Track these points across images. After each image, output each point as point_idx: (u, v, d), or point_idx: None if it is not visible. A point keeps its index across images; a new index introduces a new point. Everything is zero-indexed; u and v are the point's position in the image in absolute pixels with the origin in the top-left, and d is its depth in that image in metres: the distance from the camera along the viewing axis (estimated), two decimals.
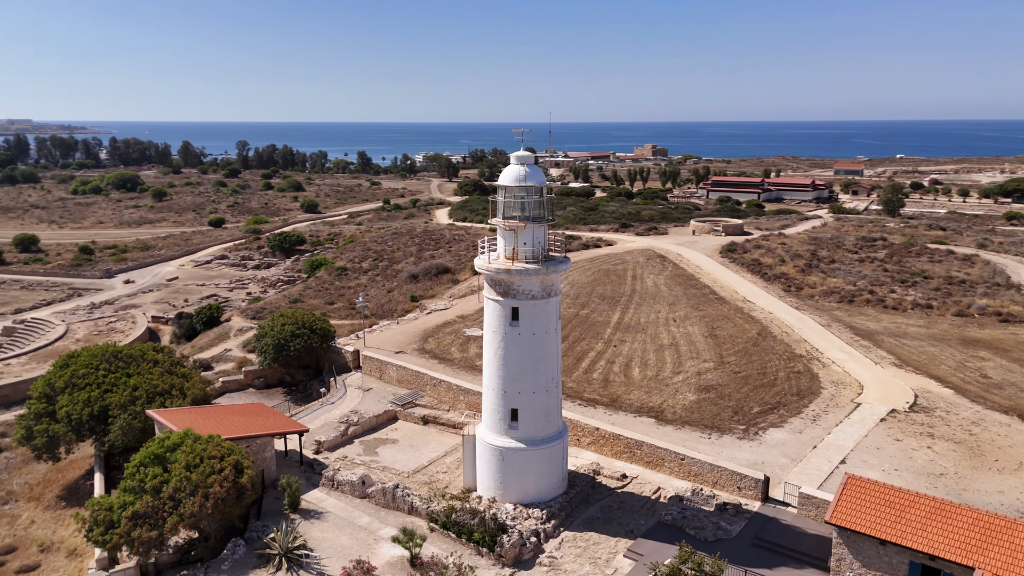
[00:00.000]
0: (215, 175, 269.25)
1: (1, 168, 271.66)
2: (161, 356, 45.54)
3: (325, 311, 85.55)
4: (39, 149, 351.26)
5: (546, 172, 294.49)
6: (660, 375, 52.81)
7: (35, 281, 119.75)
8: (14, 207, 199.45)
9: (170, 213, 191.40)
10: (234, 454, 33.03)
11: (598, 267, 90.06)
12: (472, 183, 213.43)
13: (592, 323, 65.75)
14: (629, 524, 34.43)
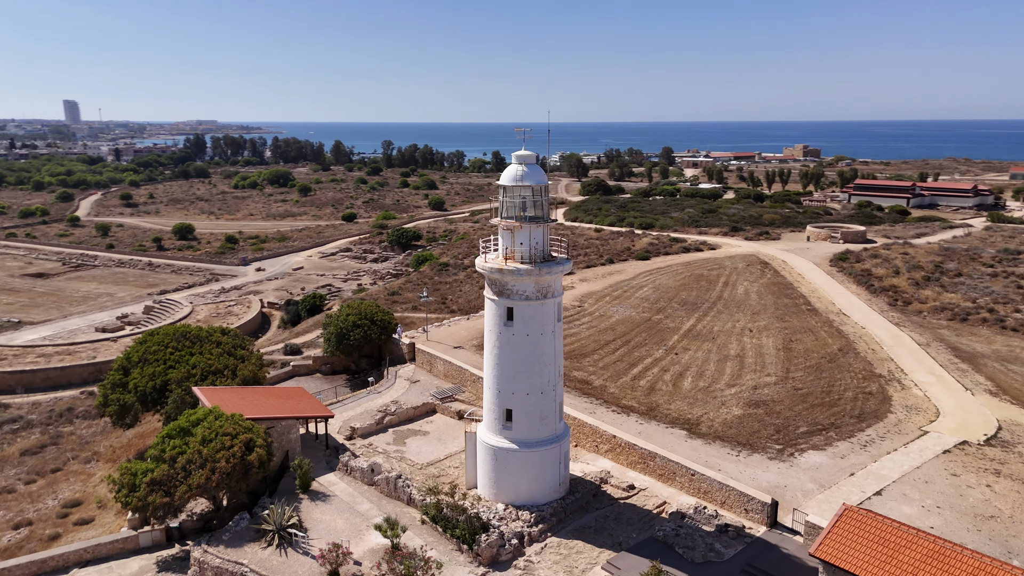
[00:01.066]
0: (358, 173, 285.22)
1: (180, 164, 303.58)
2: (225, 339, 49.59)
3: (417, 304, 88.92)
4: (214, 147, 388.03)
5: (679, 173, 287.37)
6: (712, 387, 50.53)
7: (184, 266, 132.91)
8: (183, 199, 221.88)
9: (311, 207, 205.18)
10: (248, 433, 35.52)
11: (691, 271, 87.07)
12: (595, 183, 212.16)
13: (661, 329, 63.85)
14: (619, 536, 33.46)
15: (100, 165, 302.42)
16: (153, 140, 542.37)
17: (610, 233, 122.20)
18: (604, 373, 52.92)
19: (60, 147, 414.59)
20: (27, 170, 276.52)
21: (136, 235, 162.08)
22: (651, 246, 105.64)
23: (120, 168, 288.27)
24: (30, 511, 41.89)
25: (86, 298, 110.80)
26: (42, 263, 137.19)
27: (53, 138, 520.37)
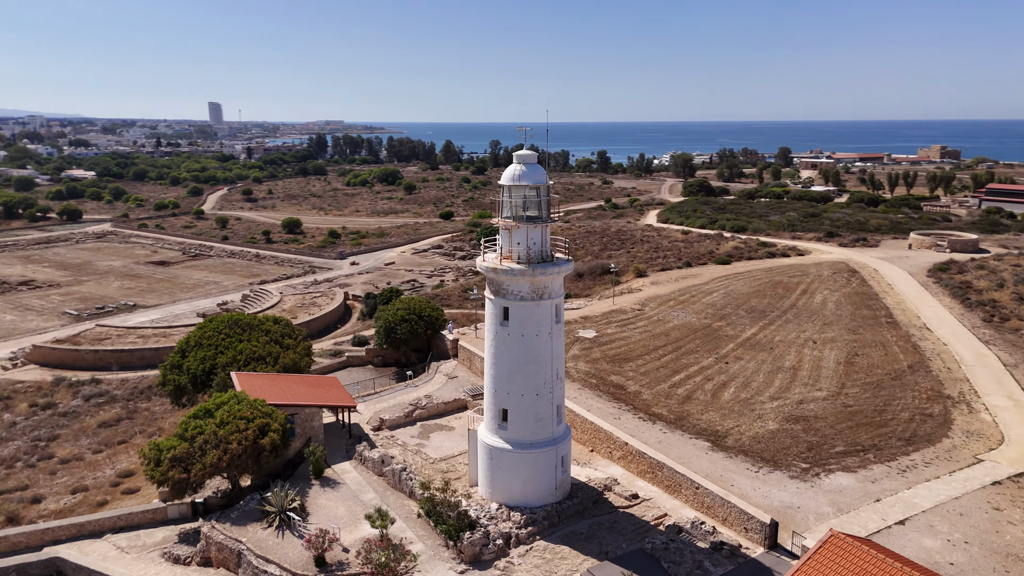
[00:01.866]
0: (464, 172, 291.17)
1: (302, 162, 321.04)
2: (275, 327, 52.35)
3: None
4: (334, 146, 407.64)
5: (794, 175, 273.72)
6: (754, 399, 48.26)
7: (286, 258, 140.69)
8: (298, 195, 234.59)
9: (414, 205, 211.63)
10: (265, 418, 37.44)
11: (771, 278, 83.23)
12: (697, 184, 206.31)
13: (718, 337, 61.52)
14: (608, 545, 32.71)
15: (231, 162, 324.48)
16: (284, 139, 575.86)
17: (697, 236, 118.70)
18: (643, 379, 51.70)
19: (200, 145, 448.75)
20: (168, 166, 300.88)
21: (250, 228, 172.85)
22: (736, 250, 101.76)
23: (247, 165, 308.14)
24: (89, 478, 46.01)
25: (196, 285, 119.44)
26: (165, 252, 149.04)
27: (196, 137, 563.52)
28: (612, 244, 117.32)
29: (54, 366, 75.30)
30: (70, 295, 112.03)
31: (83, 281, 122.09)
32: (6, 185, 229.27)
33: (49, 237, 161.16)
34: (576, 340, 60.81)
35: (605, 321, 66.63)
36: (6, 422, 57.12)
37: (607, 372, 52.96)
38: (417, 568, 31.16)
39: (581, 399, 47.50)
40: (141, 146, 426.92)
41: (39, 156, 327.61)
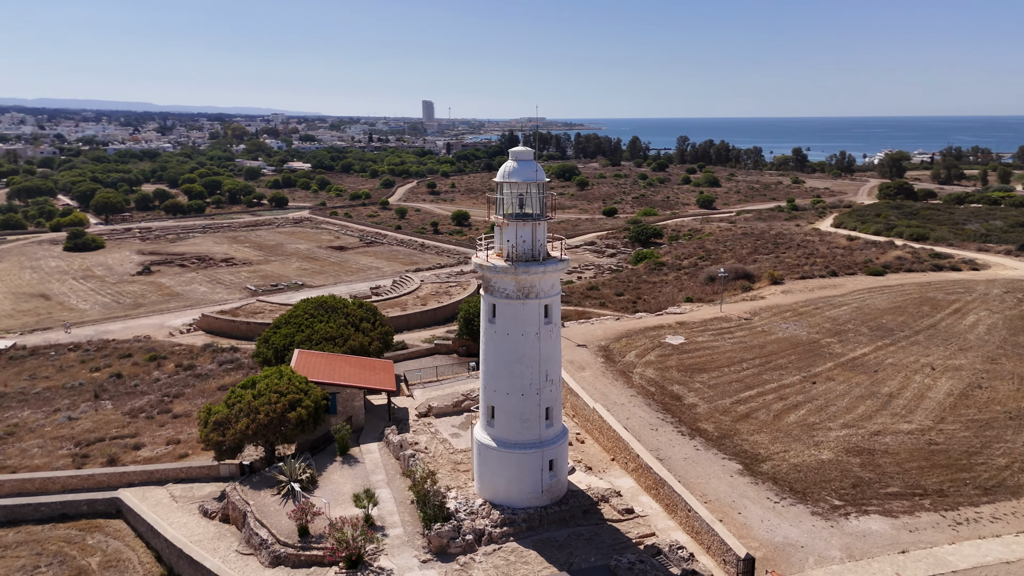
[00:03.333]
0: (644, 168, 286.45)
1: (492, 158, 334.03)
2: (358, 311, 55.93)
3: (605, 300, 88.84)
4: (524, 143, 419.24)
5: (983, 178, 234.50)
6: (822, 424, 43.58)
7: (446, 248, 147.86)
8: (477, 189, 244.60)
9: (582, 201, 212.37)
10: (298, 394, 40.49)
11: (922, 293, 73.84)
12: (896, 186, 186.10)
13: (819, 354, 55.99)
14: (578, 557, 31.54)
15: (427, 157, 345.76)
16: (484, 136, 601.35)
17: (863, 243, 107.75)
18: (708, 392, 48.59)
19: (406, 141, 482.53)
20: (373, 160, 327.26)
21: (425, 219, 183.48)
22: (897, 260, 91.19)
23: (441, 160, 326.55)
24: (184, 433, 52.34)
25: (360, 269, 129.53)
26: (346, 238, 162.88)
27: (406, 133, 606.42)
28: (763, 248, 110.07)
29: (216, 333, 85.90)
30: (256, 272, 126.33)
31: (271, 261, 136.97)
32: (237, 174, 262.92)
33: (256, 221, 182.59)
34: (658, 345, 58.37)
35: (702, 328, 63.16)
36: (152, 378, 66.46)
37: (672, 381, 50.43)
38: (384, 551, 32.30)
39: (625, 406, 45.82)
40: (358, 141, 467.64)
41: (270, 149, 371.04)
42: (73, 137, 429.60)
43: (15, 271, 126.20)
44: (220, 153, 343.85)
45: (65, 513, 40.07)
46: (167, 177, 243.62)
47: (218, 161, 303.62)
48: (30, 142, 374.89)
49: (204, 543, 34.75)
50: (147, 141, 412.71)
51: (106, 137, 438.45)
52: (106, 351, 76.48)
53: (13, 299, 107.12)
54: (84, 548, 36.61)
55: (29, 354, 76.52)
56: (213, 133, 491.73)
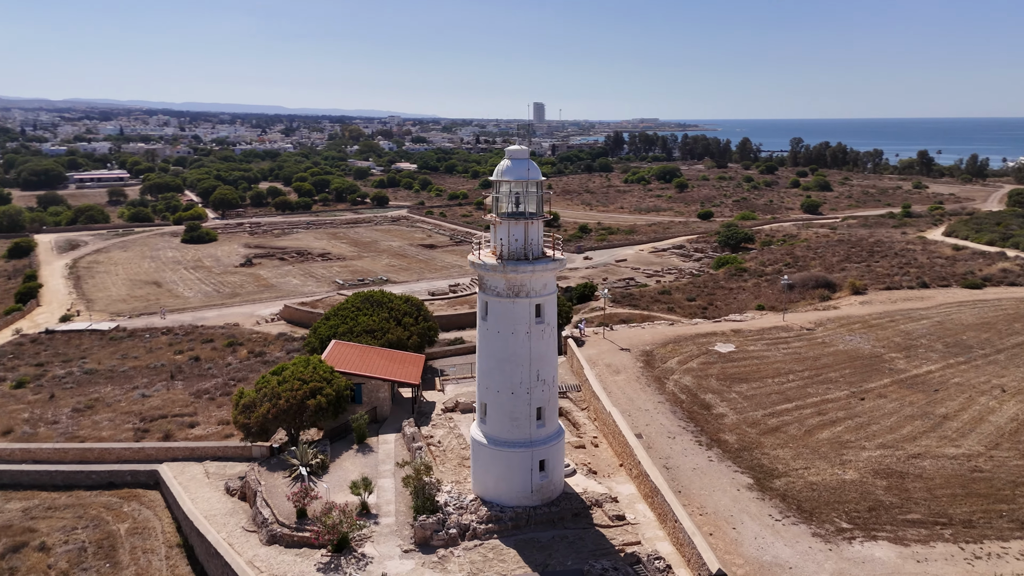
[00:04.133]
0: (751, 171, 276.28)
1: (595, 159, 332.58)
2: (403, 306, 57.45)
3: (674, 304, 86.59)
4: (629, 144, 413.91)
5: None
6: (855, 443, 40.92)
7: None
8: (574, 191, 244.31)
9: (680, 203, 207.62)
10: (320, 383, 42.20)
11: (1018, 309, 67.75)
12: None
13: (877, 369, 52.47)
14: (554, 560, 31.16)
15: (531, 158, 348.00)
16: (592, 137, 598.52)
17: (970, 253, 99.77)
18: (742, 403, 46.62)
19: (511, 142, 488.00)
20: (477, 161, 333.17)
21: None
22: (1002, 273, 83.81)
23: (542, 161, 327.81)
24: None
25: (443, 267, 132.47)
26: (437, 237, 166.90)
27: (516, 135, 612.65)
28: (856, 256, 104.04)
29: (295, 323, 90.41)
30: (347, 268, 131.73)
31: (363, 257, 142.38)
32: (347, 174, 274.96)
33: (357, 218, 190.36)
34: (704, 352, 56.48)
35: (757, 337, 60.55)
36: (224, 363, 70.92)
37: (707, 390, 48.73)
38: (370, 538, 33.22)
39: (649, 412, 44.75)
40: (466, 143, 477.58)
41: (381, 150, 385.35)
42: (208, 138, 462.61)
43: (136, 260, 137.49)
44: (335, 153, 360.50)
45: (112, 482, 43.64)
46: (283, 176, 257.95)
47: (332, 161, 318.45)
48: (170, 142, 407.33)
49: (216, 518, 36.94)
50: (271, 142, 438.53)
51: (237, 138, 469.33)
52: (193, 336, 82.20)
53: (129, 285, 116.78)
54: (119, 515, 39.80)
55: (128, 336, 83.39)
56: (332, 134, 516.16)
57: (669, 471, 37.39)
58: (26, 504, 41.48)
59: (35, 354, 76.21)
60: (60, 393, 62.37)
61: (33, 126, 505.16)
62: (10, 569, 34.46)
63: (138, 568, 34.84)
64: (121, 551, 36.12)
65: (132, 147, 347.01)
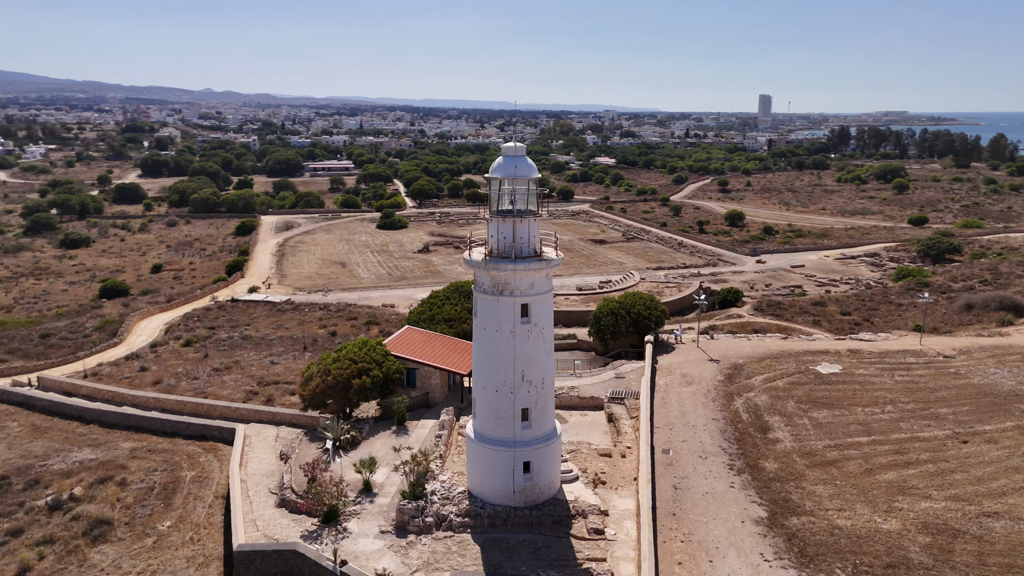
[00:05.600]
0: (1000, 172, 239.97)
1: (813, 155, 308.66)
2: None
3: (823, 318, 78.72)
4: (857, 140, 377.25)
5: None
6: (917, 489, 35.17)
7: (700, 248, 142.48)
8: (773, 189, 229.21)
9: (893, 207, 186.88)
10: (368, 364, 44.71)
11: None
12: None
13: (1002, 409, 44.41)
14: (510, 563, 30.50)
15: (736, 154, 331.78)
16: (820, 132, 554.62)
17: None
18: (809, 430, 41.81)
19: (724, 137, 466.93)
20: (681, 156, 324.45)
21: (699, 217, 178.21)
22: None
23: (749, 157, 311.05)
24: None
25: (603, 263, 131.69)
26: (610, 233, 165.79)
27: (733, 129, 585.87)
28: None
29: None
30: None
31: None
32: (544, 167, 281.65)
33: None
34: (800, 372, 51.17)
35: (875, 359, 53.57)
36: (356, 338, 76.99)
37: (776, 412, 44.29)
38: (359, 515, 34.88)
39: (695, 428, 41.80)
40: (675, 138, 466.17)
41: (584, 144, 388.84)
42: (432, 132, 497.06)
43: (333, 242, 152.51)
44: (540, 148, 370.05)
45: (203, 435, 49.77)
46: (484, 168, 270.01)
47: (533, 156, 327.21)
48: (398, 136, 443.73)
49: (256, 477, 40.83)
50: (486, 136, 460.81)
51: (457, 132, 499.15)
52: (342, 313, 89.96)
53: (319, 264, 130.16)
54: (193, 463, 45.43)
55: (292, 308, 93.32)
56: (544, 129, 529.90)
57: (677, 491, 34.91)
58: (135, 445, 48.78)
59: (215, 318, 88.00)
60: (213, 354, 71.78)
61: (292, 121, 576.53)
62: (90, 496, 40.98)
63: (183, 511, 39.70)
64: (178, 495, 41.35)
65: (363, 140, 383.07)
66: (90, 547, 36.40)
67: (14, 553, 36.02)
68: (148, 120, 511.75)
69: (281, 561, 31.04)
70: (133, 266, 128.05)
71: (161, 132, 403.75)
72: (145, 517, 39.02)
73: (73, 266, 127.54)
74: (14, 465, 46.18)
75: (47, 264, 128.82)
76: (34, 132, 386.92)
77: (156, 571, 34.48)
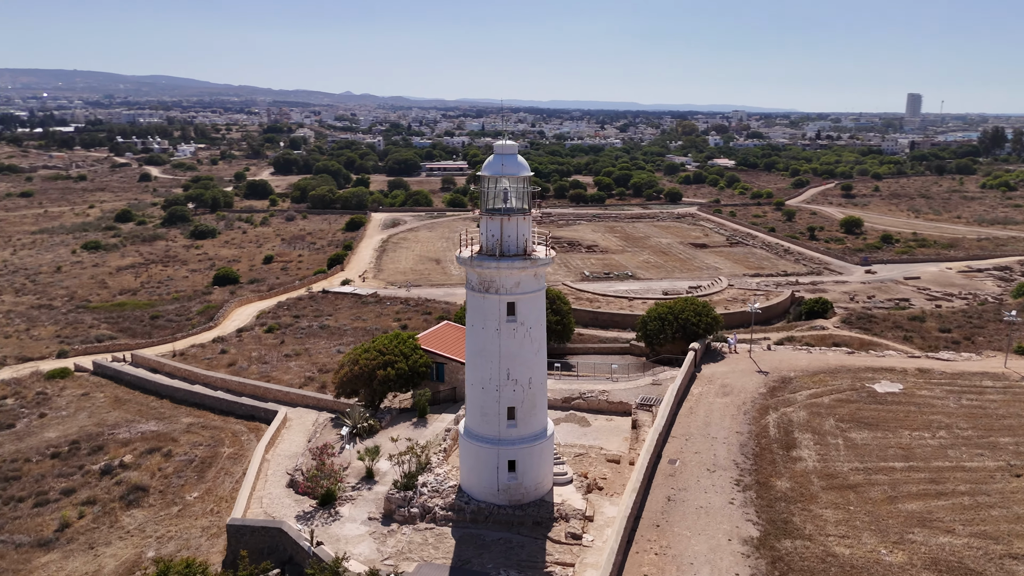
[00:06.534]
0: None
1: (960, 159, 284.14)
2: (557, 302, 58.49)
3: (916, 334, 72.78)
4: (1014, 142, 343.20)
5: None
6: (940, 523, 32.00)
7: (807, 255, 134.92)
8: (904, 194, 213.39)
9: None
10: (394, 356, 45.90)
11: None
12: None
13: None
14: (477, 560, 30.42)
15: (869, 157, 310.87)
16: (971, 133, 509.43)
17: None
18: (841, 451, 38.86)
19: (859, 139, 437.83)
20: (807, 159, 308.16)
21: (814, 223, 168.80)
22: None
23: (883, 160, 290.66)
24: None
25: (698, 268, 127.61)
26: (713, 236, 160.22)
27: (874, 131, 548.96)
28: None
29: None
30: (602, 260, 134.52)
31: (625, 252, 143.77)
32: (658, 169, 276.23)
33: (642, 214, 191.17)
34: (853, 389, 47.60)
35: (945, 381, 48.94)
36: None
37: (812, 429, 41.48)
38: (354, 501, 35.98)
39: (714, 440, 39.96)
40: (806, 140, 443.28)
41: (704, 146, 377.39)
42: (551, 133, 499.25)
43: (433, 239, 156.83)
44: (657, 149, 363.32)
45: (253, 415, 52.90)
46: (595, 169, 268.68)
47: (649, 156, 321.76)
48: (517, 137, 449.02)
49: (279, 459, 42.90)
50: (604, 137, 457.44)
51: (576, 133, 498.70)
52: (418, 308, 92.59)
53: (415, 260, 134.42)
54: (235, 441, 48.42)
55: (375, 301, 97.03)
56: (665, 130, 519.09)
57: (670, 503, 33.56)
58: (193, 421, 52.63)
59: (302, 308, 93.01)
60: (289, 340, 76.03)
61: (419, 122, 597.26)
62: (137, 464, 44.67)
63: (212, 485, 42.47)
64: (212, 469, 44.27)
65: (480, 141, 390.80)
66: (123, 510, 39.74)
67: (61, 510, 39.91)
68: (288, 121, 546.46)
69: (268, 537, 32.60)
70: (248, 257, 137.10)
71: (296, 133, 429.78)
72: (178, 487, 42.08)
73: (197, 255, 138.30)
74: (88, 432, 51.07)
75: (176, 252, 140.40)
76: (187, 132, 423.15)
77: (173, 537, 37.16)
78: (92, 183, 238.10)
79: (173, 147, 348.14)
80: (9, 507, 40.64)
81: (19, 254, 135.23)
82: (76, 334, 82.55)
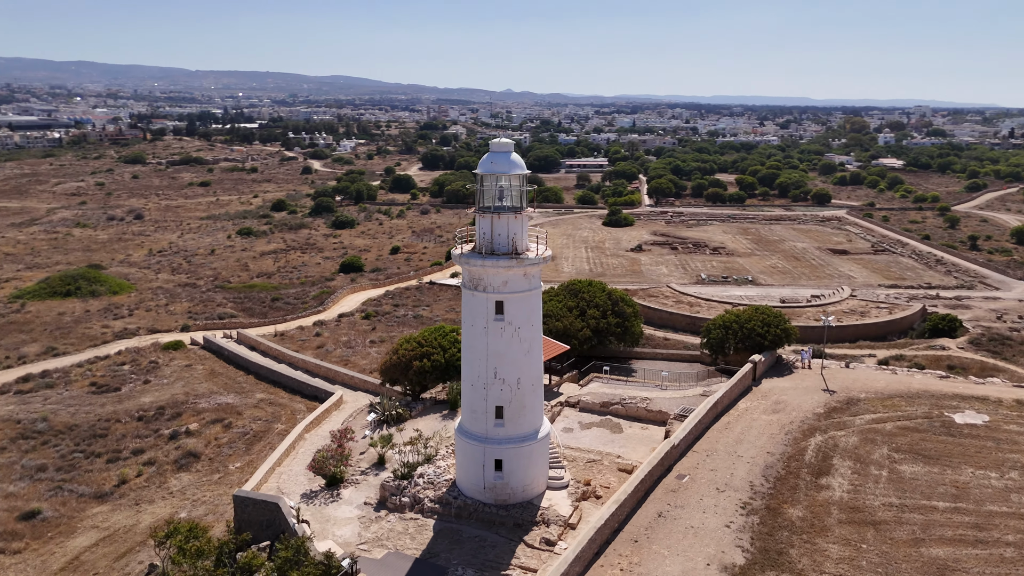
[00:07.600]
0: None
1: None
2: (599, 298, 56.64)
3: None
4: None
5: None
6: (958, 572, 27.87)
7: (966, 267, 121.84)
8: None
9: None
10: (434, 349, 46.72)
11: None
12: None
13: None
14: (445, 555, 30.34)
15: None
16: None
17: None
18: (881, 486, 34.86)
19: None
20: (993, 160, 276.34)
21: (979, 231, 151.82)
22: None
23: None
24: None
25: (829, 275, 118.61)
26: (857, 242, 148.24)
27: None
28: None
29: None
30: (724, 264, 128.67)
31: (752, 255, 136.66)
32: (813, 169, 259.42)
33: (781, 216, 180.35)
34: (928, 417, 42.44)
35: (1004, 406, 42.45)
36: None
37: (856, 458, 37.53)
38: (357, 484, 37.13)
39: (739, 457, 37.27)
40: (997, 138, 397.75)
41: (869, 144, 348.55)
42: (704, 130, 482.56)
43: (555, 236, 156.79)
44: (816, 147, 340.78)
45: (315, 395, 55.90)
46: (741, 168, 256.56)
47: (806, 155, 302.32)
48: (664, 134, 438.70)
49: (316, 438, 45.01)
50: (761, 134, 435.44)
51: (733, 130, 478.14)
52: None
53: None
54: (289, 418, 51.43)
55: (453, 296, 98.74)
56: (831, 127, 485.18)
57: (660, 519, 31.78)
58: (264, 397, 56.52)
59: (406, 297, 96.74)
60: (380, 328, 79.45)
61: (571, 119, 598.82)
62: (200, 432, 48.70)
63: (255, 457, 45.45)
64: (260, 443, 47.39)
65: (626, 138, 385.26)
66: (173, 473, 43.56)
67: (126, 468, 44.43)
68: (445, 119, 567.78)
69: (267, 512, 34.41)
70: (378, 247, 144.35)
71: (449, 130, 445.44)
72: (225, 457, 45.49)
73: (333, 243, 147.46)
74: (175, 399, 56.34)
75: (315, 240, 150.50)
76: (351, 129, 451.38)
77: (205, 502, 40.27)
78: (261, 175, 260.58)
79: (336, 142, 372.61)
80: (88, 461, 45.78)
81: (184, 237, 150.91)
82: (204, 311, 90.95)
